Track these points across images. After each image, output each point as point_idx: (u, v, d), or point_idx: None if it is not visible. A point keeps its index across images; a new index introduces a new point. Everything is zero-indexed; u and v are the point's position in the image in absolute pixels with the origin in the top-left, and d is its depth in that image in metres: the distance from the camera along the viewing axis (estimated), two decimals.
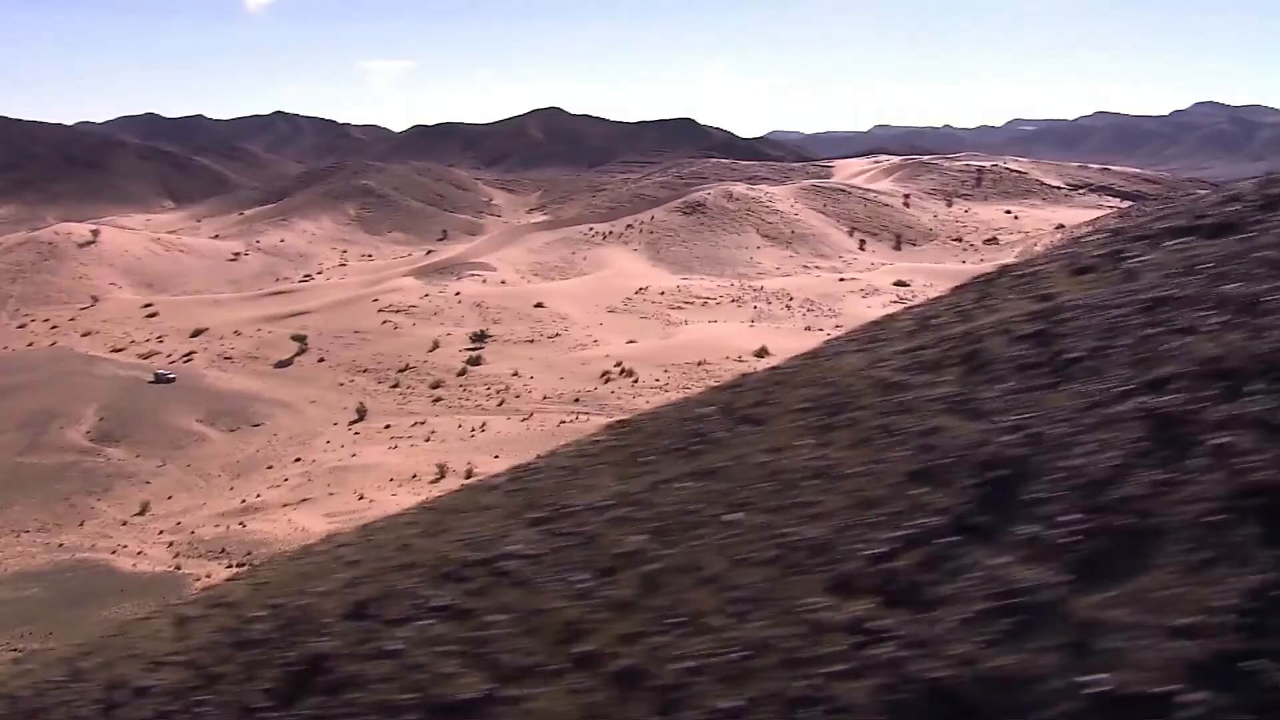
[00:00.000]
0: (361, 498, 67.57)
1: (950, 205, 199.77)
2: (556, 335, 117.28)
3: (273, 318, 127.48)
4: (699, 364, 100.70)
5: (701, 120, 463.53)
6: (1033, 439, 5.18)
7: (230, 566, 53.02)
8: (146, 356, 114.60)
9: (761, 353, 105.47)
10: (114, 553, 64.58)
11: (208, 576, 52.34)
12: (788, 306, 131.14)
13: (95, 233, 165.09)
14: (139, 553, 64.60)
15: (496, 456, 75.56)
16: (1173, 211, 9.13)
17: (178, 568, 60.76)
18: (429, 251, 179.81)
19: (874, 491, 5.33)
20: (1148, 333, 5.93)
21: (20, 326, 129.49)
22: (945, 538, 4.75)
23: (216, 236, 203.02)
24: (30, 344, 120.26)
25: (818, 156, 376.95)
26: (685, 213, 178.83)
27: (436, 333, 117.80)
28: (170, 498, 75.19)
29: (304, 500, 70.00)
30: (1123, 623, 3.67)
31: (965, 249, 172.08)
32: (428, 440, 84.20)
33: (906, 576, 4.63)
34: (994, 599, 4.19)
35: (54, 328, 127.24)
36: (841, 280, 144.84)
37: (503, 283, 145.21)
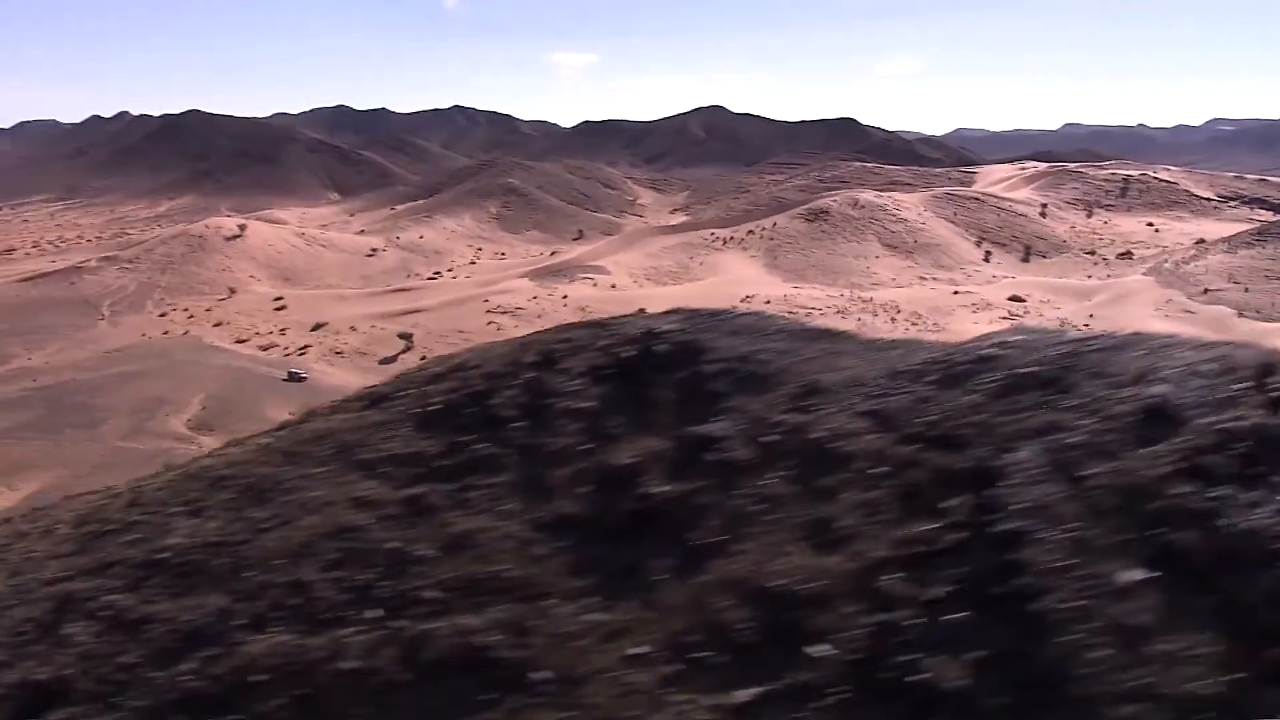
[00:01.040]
0: None
1: (1090, 216, 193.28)
2: None
3: (389, 314, 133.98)
4: None
5: (865, 119, 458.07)
6: None
7: None
8: (266, 348, 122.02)
9: None
10: None
11: None
12: (892, 319, 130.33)
13: (242, 227, 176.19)
14: None
15: None
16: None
17: None
18: (553, 252, 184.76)
19: None
20: None
21: (161, 315, 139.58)
22: None
23: (362, 231, 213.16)
24: (166, 332, 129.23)
25: (988, 158, 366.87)
26: (808, 219, 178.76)
27: None
28: None
29: None
30: None
31: (1096, 263, 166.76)
32: None
33: None
34: None
35: (191, 317, 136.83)
36: (956, 293, 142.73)
37: (613, 286, 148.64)
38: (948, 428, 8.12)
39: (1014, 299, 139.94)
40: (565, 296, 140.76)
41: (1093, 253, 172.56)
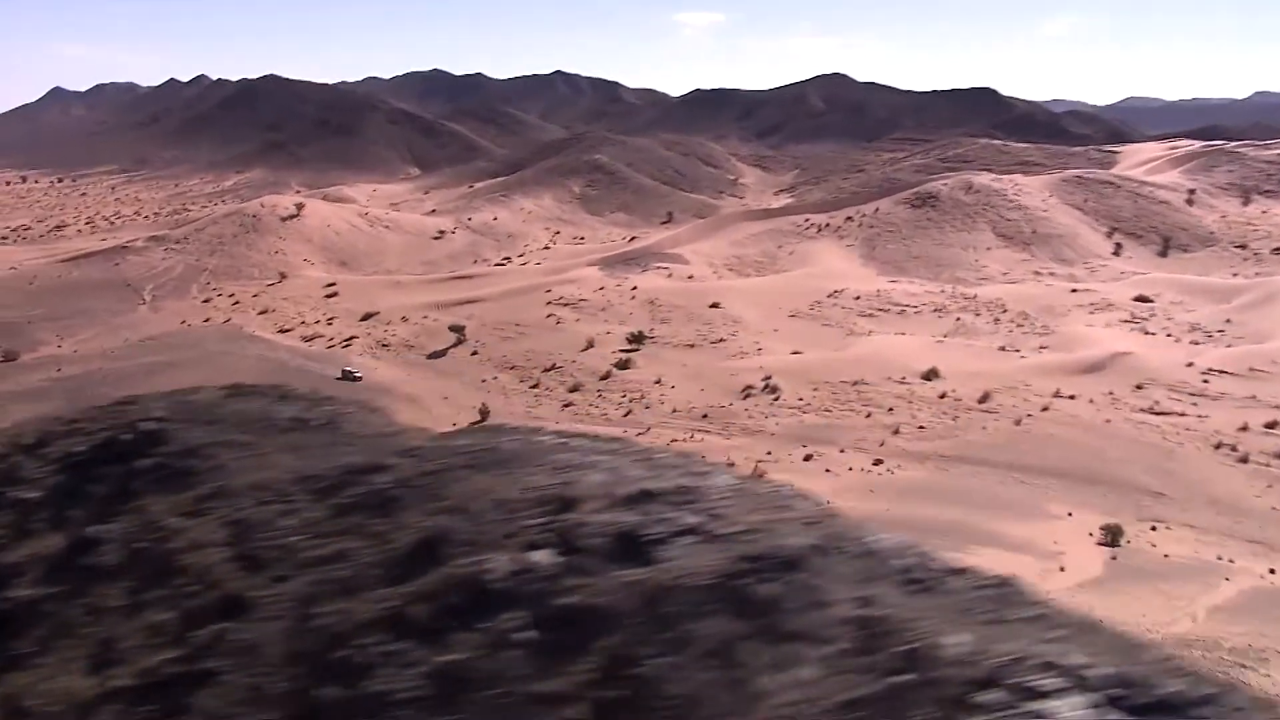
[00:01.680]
0: None
1: (1246, 204, 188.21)
2: (721, 341, 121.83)
3: (445, 304, 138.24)
4: (855, 383, 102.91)
5: (1012, 87, 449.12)
6: None
7: None
8: (309, 339, 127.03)
9: (930, 374, 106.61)
10: None
11: None
12: (996, 320, 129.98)
13: (299, 206, 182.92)
14: None
15: None
16: None
17: None
18: (632, 238, 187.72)
19: None
20: None
21: (205, 301, 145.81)
22: None
23: (433, 211, 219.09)
24: (207, 319, 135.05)
25: (1153, 133, 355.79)
26: (914, 205, 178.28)
27: (597, 330, 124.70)
28: None
29: None
30: None
31: (1247, 258, 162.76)
32: None
33: None
34: None
35: (236, 303, 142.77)
36: (1074, 291, 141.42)
37: (690, 278, 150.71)
38: (262, 547, 8.70)
39: (1140, 299, 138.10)
40: (635, 288, 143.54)
41: (1244, 246, 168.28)
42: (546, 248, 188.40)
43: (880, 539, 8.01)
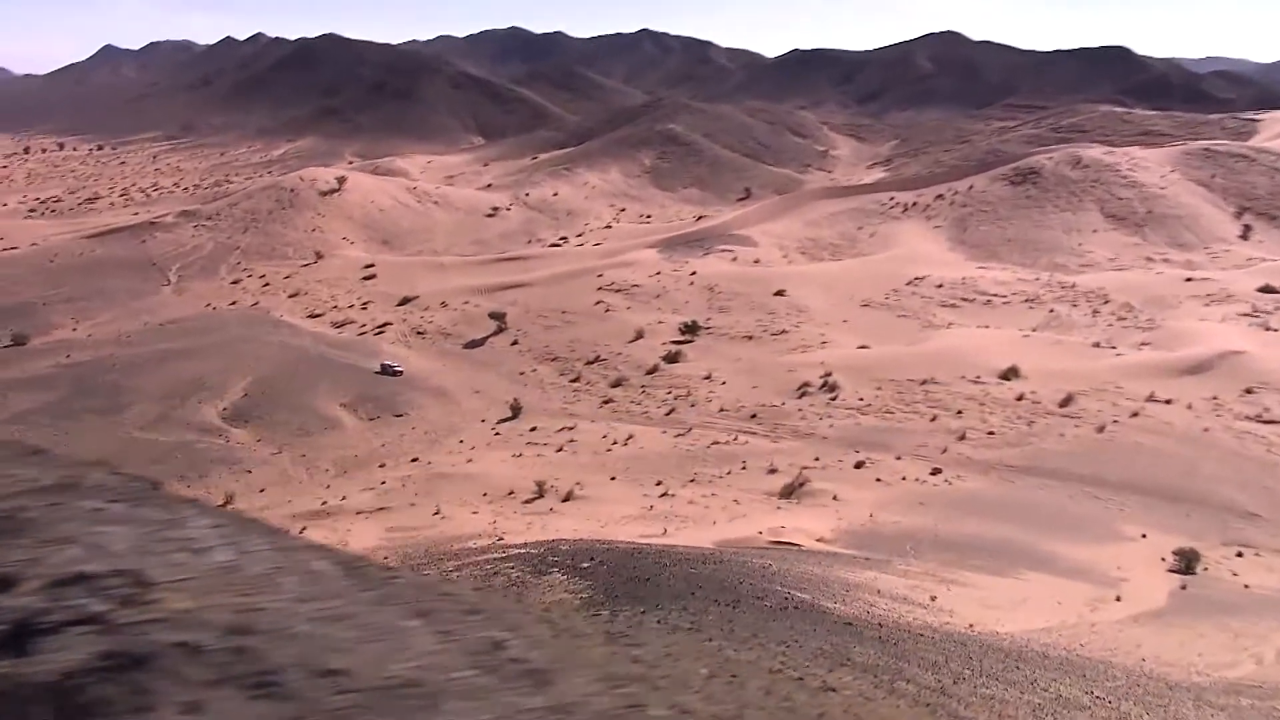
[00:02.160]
0: (437, 513, 74.28)
1: None
2: (782, 333, 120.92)
3: (489, 288, 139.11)
4: (923, 383, 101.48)
5: (1151, 45, 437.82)
6: None
7: None
8: (340, 325, 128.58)
9: (1009, 374, 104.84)
10: None
11: None
12: (1095, 312, 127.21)
13: (341, 180, 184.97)
14: None
15: (614, 478, 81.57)
16: None
17: None
18: (700, 217, 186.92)
19: None
20: None
21: (234, 282, 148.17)
22: None
23: (489, 186, 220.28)
24: (233, 303, 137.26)
25: None
26: (1013, 182, 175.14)
27: (648, 320, 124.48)
28: (262, 490, 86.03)
29: (381, 509, 77.31)
30: None
31: None
32: (560, 450, 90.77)
33: None
34: None
35: (266, 285, 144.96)
36: (1188, 280, 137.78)
37: (756, 262, 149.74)
38: None
39: (1266, 289, 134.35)
40: (694, 273, 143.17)
41: None
42: (608, 226, 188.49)
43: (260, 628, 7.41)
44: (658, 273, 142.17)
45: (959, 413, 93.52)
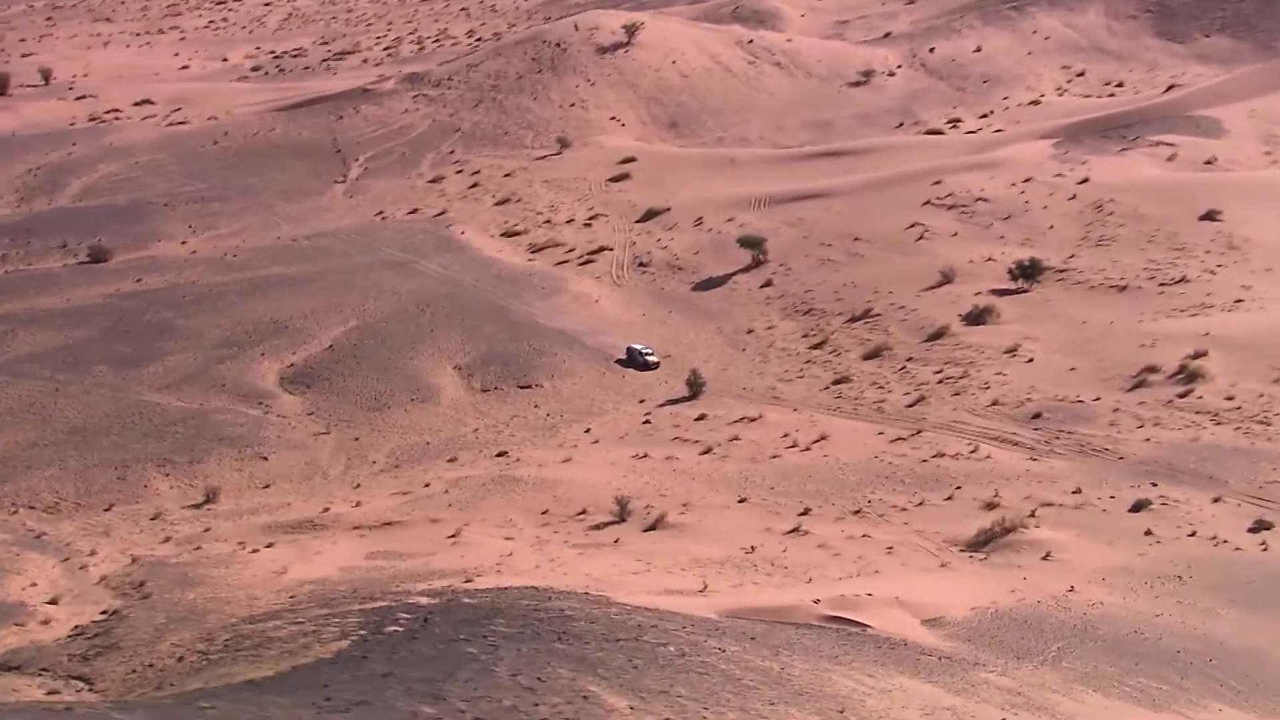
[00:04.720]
0: (454, 535, 60.15)
1: None
2: (1180, 281, 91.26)
3: (774, 198, 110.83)
4: None
5: None
6: None
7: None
8: (537, 249, 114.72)
9: None
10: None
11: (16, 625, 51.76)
12: None
13: (631, 30, 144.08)
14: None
15: (742, 500, 65.99)
16: None
17: (54, 601, 56.99)
18: (1169, 88, 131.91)
19: None
20: None
21: (433, 181, 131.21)
22: None
23: (887, 36, 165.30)
24: (414, 210, 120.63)
25: None
26: None
27: (973, 254, 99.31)
28: (266, 487, 74.49)
29: (389, 524, 64.34)
30: None
31: None
32: (708, 453, 73.32)
33: None
34: None
35: (473, 186, 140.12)
36: None
37: (1208, 163, 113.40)
38: None
39: None
40: (1083, 181, 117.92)
41: None
42: (1034, 103, 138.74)
43: None
44: (1027, 180, 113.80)
45: None
